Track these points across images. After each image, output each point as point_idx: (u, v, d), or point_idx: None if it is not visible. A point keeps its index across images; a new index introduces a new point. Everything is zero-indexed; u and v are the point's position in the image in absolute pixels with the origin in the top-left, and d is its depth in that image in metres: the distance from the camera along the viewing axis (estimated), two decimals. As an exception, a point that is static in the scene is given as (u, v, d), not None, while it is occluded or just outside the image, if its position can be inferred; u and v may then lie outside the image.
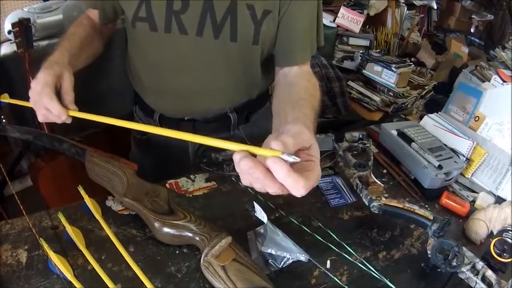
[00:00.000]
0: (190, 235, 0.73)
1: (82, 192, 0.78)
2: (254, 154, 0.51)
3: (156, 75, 1.01)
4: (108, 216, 0.81)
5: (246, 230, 0.81)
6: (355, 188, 0.90)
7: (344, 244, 0.80)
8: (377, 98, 2.14)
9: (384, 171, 1.08)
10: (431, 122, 1.17)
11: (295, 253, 0.75)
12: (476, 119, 1.15)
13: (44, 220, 0.79)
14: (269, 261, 0.75)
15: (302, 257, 0.75)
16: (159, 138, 1.14)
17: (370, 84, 2.22)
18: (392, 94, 2.11)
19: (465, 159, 1.08)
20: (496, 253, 0.77)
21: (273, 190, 0.51)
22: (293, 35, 0.94)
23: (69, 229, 0.72)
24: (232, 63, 0.96)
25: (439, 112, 1.24)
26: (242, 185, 0.93)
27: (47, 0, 1.49)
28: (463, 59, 2.63)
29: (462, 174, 1.08)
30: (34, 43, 1.30)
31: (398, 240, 0.87)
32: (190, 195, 0.91)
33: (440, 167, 0.98)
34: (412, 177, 1.04)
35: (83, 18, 1.00)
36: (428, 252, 0.76)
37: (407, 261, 0.82)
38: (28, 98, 0.81)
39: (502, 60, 2.53)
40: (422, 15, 3.05)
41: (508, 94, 1.09)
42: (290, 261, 0.75)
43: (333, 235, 0.82)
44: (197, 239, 0.72)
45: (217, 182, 0.95)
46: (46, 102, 0.77)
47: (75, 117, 0.80)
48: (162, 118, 1.08)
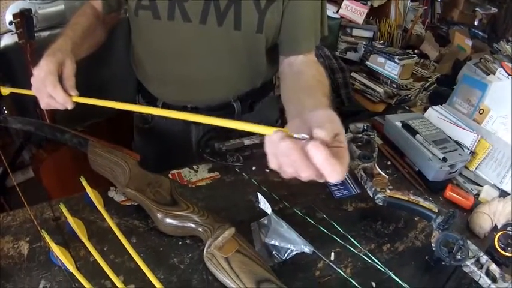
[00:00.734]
0: (193, 226, 0.73)
1: (84, 183, 0.78)
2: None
3: (160, 63, 1.00)
4: (110, 207, 0.80)
5: (250, 221, 0.81)
6: (359, 180, 0.89)
7: (348, 236, 0.80)
8: (380, 90, 2.12)
9: (389, 163, 1.07)
10: (435, 114, 1.16)
11: (299, 245, 0.74)
12: (480, 112, 1.14)
13: (46, 211, 0.79)
14: (273, 252, 0.75)
15: (306, 249, 0.75)
16: (162, 127, 1.14)
17: (373, 75, 2.21)
18: (395, 86, 2.10)
19: (469, 152, 1.07)
20: (500, 247, 0.77)
21: (307, 174, 0.51)
22: (297, 24, 0.93)
23: (71, 220, 0.72)
24: (236, 51, 0.95)
25: (444, 104, 1.23)
26: (246, 176, 0.94)
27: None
28: (467, 52, 2.61)
29: (466, 167, 1.08)
30: (35, 34, 1.30)
31: (402, 232, 0.86)
32: (193, 185, 0.91)
33: (444, 160, 0.97)
34: (417, 169, 1.03)
35: (86, 7, 0.99)
36: (432, 245, 0.76)
37: (411, 253, 0.82)
38: (30, 88, 0.81)
39: (506, 53, 2.51)
40: (425, 7, 3.02)
41: (513, 87, 1.07)
42: (294, 252, 0.75)
43: (337, 227, 0.81)
44: (200, 230, 0.72)
45: (220, 173, 0.95)
46: (50, 90, 0.77)
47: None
48: (165, 106, 1.08)
